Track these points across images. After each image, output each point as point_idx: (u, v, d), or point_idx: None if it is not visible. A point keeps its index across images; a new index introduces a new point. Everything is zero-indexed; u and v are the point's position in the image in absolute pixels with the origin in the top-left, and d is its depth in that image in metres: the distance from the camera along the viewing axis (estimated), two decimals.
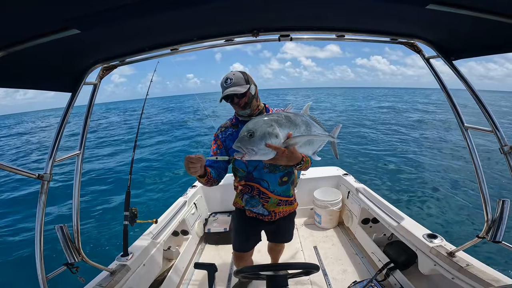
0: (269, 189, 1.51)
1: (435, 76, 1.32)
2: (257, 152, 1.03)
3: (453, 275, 1.53)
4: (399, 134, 13.32)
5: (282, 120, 1.12)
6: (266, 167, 1.47)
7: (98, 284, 1.53)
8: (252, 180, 1.51)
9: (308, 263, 1.15)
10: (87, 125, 1.37)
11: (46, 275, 1.13)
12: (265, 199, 1.54)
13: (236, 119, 1.51)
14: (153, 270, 2.06)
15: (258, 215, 1.59)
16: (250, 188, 1.54)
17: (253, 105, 1.37)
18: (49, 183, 1.16)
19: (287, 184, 1.55)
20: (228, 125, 1.51)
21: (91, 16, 0.68)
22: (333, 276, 2.28)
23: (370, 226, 2.74)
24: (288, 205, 1.63)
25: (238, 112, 1.42)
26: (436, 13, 0.76)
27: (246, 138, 1.04)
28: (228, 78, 1.28)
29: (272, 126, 1.07)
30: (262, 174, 1.48)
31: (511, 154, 1.12)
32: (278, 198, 1.54)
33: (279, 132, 1.07)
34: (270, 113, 1.29)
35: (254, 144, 1.03)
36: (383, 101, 42.26)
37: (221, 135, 1.49)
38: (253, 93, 1.35)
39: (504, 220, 1.21)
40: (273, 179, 1.50)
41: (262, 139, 1.03)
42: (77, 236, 1.33)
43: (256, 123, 1.07)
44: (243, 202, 1.59)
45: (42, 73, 1.04)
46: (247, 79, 1.31)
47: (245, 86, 1.28)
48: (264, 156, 1.06)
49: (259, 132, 1.04)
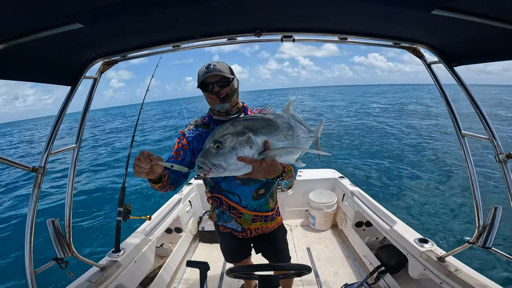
0: (240, 204, 1.29)
1: (435, 82, 1.33)
2: (227, 168, 0.86)
3: (442, 280, 1.55)
4: (399, 134, 13.46)
5: (258, 124, 0.95)
6: (238, 178, 1.24)
7: (87, 279, 1.51)
8: (220, 193, 1.30)
9: (301, 264, 1.16)
10: (84, 119, 1.35)
11: (34, 269, 1.10)
12: (237, 215, 1.32)
13: (209, 117, 1.27)
14: (144, 267, 2.04)
15: (233, 230, 1.39)
16: (218, 202, 1.33)
17: (233, 100, 1.17)
18: (43, 176, 1.14)
19: (264, 197, 1.33)
20: (199, 123, 1.28)
21: (94, 10, 0.67)
22: (324, 278, 2.29)
23: (364, 229, 2.77)
24: (267, 222, 1.38)
25: (214, 106, 1.17)
26: (441, 18, 0.76)
27: (213, 151, 0.87)
28: (210, 64, 1.09)
29: (245, 134, 0.90)
30: (232, 186, 1.26)
31: (506, 162, 1.14)
32: (252, 214, 1.32)
33: (254, 141, 0.90)
34: (242, 117, 1.10)
35: (222, 158, 0.85)
36: (384, 99, 42.60)
37: (188, 134, 1.26)
38: (236, 87, 1.17)
39: (495, 227, 1.23)
40: (246, 192, 1.28)
41: (233, 151, 0.86)
42: (68, 231, 1.31)
43: (224, 131, 0.90)
44: (215, 217, 1.39)
45: (43, 66, 1.03)
46: (231, 70, 1.15)
47: (229, 75, 1.11)
48: (236, 171, 0.89)
49: (228, 142, 0.87)
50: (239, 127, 0.92)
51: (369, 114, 23.11)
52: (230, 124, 0.94)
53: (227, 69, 1.12)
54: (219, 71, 1.07)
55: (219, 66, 1.09)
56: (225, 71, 1.10)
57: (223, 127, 0.94)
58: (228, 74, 1.10)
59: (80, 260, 1.40)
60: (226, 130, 0.91)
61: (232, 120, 1.00)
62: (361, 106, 31.79)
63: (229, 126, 0.93)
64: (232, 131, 0.90)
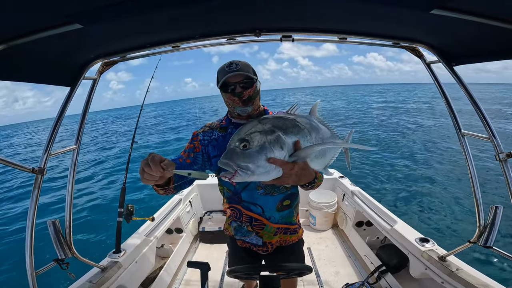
0: (263, 215, 1.18)
1: (435, 81, 1.33)
2: (255, 170, 0.75)
3: (443, 279, 1.55)
4: (400, 133, 13.45)
5: (288, 123, 0.86)
6: (261, 187, 1.12)
7: (88, 280, 1.51)
8: (240, 203, 1.17)
9: (301, 264, 1.15)
10: (84, 120, 1.35)
11: (35, 270, 1.10)
12: (259, 226, 1.20)
13: (227, 120, 1.17)
14: (145, 268, 2.04)
15: (252, 245, 1.27)
16: (237, 213, 1.21)
17: (255, 103, 1.07)
18: (43, 177, 1.14)
19: (289, 209, 1.21)
20: (215, 126, 1.17)
21: (93, 10, 0.67)
22: (325, 278, 2.29)
23: (364, 229, 2.76)
24: (289, 234, 1.26)
25: (235, 109, 1.07)
26: (440, 18, 0.76)
27: (238, 151, 0.77)
28: (233, 63, 1.00)
29: (275, 133, 0.80)
30: (254, 196, 1.14)
31: (506, 161, 1.14)
32: (275, 227, 1.21)
33: (285, 141, 0.81)
34: (269, 115, 0.99)
35: (250, 160, 0.75)
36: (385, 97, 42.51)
37: (202, 136, 1.15)
38: (258, 89, 1.08)
39: (496, 226, 1.23)
40: (270, 204, 1.16)
41: (262, 151, 0.76)
42: (69, 232, 1.31)
43: (251, 128, 0.81)
44: (233, 231, 1.27)
45: (42, 66, 1.03)
46: (254, 71, 1.06)
47: (253, 76, 1.03)
48: (264, 176, 0.78)
49: (257, 141, 0.77)
50: (267, 125, 0.82)
51: (368, 113, 23.09)
52: (258, 122, 0.84)
53: (250, 69, 1.03)
54: (243, 70, 0.99)
55: (242, 65, 1.00)
56: (249, 71, 1.01)
57: (249, 125, 0.84)
58: (252, 75, 1.02)
59: (81, 261, 1.40)
60: (254, 128, 0.81)
61: (258, 118, 0.90)
62: (362, 104, 31.80)
63: (256, 123, 0.83)
64: (260, 129, 0.80)
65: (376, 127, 15.52)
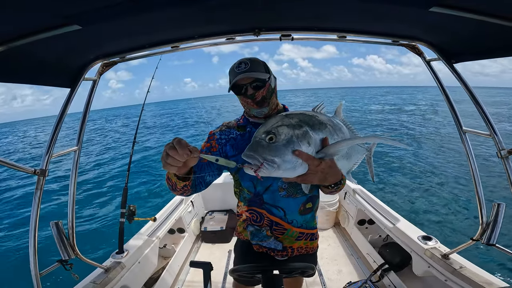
0: (285, 219, 1.11)
1: (435, 79, 1.33)
2: (281, 164, 0.72)
3: (447, 277, 1.54)
4: (401, 132, 13.40)
5: (315, 120, 0.83)
6: (284, 189, 1.05)
7: (92, 281, 1.52)
8: (261, 206, 1.10)
9: (304, 263, 1.15)
10: (85, 121, 1.35)
11: (39, 271, 1.11)
12: (279, 231, 1.13)
13: (245, 119, 1.11)
14: (148, 268, 2.05)
15: (270, 250, 1.18)
16: (258, 216, 1.12)
17: (272, 103, 1.01)
18: (45, 179, 1.15)
19: (312, 212, 1.15)
20: (233, 125, 1.12)
21: (92, 11, 0.67)
22: (328, 277, 2.29)
23: (366, 227, 2.76)
24: (310, 241, 1.20)
25: (250, 110, 1.02)
26: (439, 15, 0.76)
27: (264, 143, 0.74)
28: (242, 63, 0.94)
29: (303, 128, 0.78)
30: (276, 198, 1.07)
31: (508, 158, 1.13)
32: (298, 231, 1.14)
33: (312, 137, 0.78)
34: (295, 111, 0.94)
35: (276, 153, 0.72)
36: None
37: (219, 135, 1.10)
38: (273, 86, 1.00)
39: (499, 224, 1.23)
40: (293, 206, 1.09)
41: (288, 145, 0.73)
42: (72, 233, 1.32)
43: (278, 122, 0.79)
44: (249, 235, 1.17)
45: (42, 68, 1.03)
46: (267, 67, 0.99)
47: (264, 74, 0.95)
48: (290, 171, 0.75)
49: (284, 134, 0.75)
50: (294, 119, 0.79)
51: (368, 112, 23.02)
52: (285, 116, 0.82)
53: (261, 67, 0.97)
54: (252, 70, 0.93)
55: (252, 64, 0.94)
56: (259, 70, 0.95)
57: (276, 118, 0.82)
58: (263, 73, 0.95)
59: (84, 261, 1.41)
60: (281, 121, 0.78)
61: (285, 112, 0.87)
62: (362, 105, 31.71)
63: (283, 117, 0.81)
64: (287, 123, 0.78)
65: (377, 126, 15.46)
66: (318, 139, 0.79)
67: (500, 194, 5.64)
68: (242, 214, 1.18)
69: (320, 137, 0.80)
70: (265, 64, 0.99)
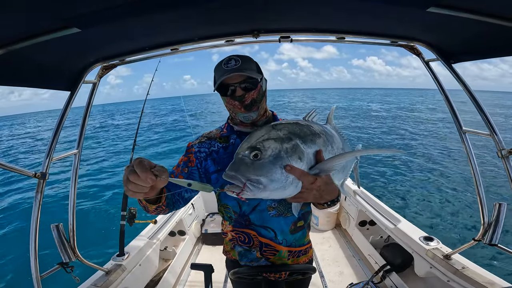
0: (276, 240, 0.99)
1: (434, 79, 1.33)
2: (267, 185, 0.63)
3: (449, 278, 1.54)
4: (399, 135, 13.39)
5: (306, 131, 0.74)
6: (273, 208, 0.94)
7: (93, 284, 1.52)
8: (248, 227, 0.98)
9: (305, 265, 1.15)
10: (85, 124, 1.36)
11: (40, 274, 1.12)
12: (270, 252, 1.02)
13: (228, 128, 0.99)
14: (149, 271, 2.04)
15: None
16: (245, 237, 1.00)
17: (261, 107, 0.90)
18: (45, 182, 1.15)
19: (303, 229, 1.05)
20: (214, 136, 0.99)
21: (91, 14, 0.67)
22: (329, 278, 2.28)
23: (367, 228, 2.75)
24: (301, 256, 1.09)
25: (236, 115, 0.90)
26: (437, 16, 0.76)
27: (248, 161, 0.66)
28: (232, 59, 0.83)
29: (292, 141, 0.69)
30: (265, 218, 0.96)
31: (508, 158, 1.13)
32: (287, 250, 1.03)
33: (304, 151, 0.69)
34: (283, 120, 0.87)
35: (261, 172, 0.63)
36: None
37: (197, 148, 0.96)
38: (264, 89, 0.90)
39: (501, 223, 1.22)
40: (283, 226, 0.98)
41: (276, 162, 0.64)
42: (72, 235, 1.32)
43: (264, 135, 0.70)
44: (237, 256, 1.05)
45: (41, 71, 1.04)
46: (258, 68, 0.89)
47: (257, 74, 0.85)
48: (279, 191, 0.65)
49: (271, 149, 0.66)
50: (283, 131, 0.71)
51: (369, 113, 23.02)
52: (272, 127, 0.73)
53: (253, 65, 0.86)
54: (244, 68, 0.82)
55: (243, 61, 0.83)
56: (251, 68, 0.84)
57: (261, 130, 0.73)
58: (255, 73, 0.84)
59: (85, 264, 1.41)
60: (267, 134, 0.70)
61: (272, 123, 0.79)
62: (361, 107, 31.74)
63: (270, 129, 0.72)
64: (274, 136, 0.69)
65: (378, 129, 15.45)
66: (311, 153, 0.71)
67: (500, 194, 5.62)
68: (227, 233, 1.06)
69: (313, 150, 0.72)
70: (257, 64, 0.90)
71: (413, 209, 5.49)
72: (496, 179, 6.51)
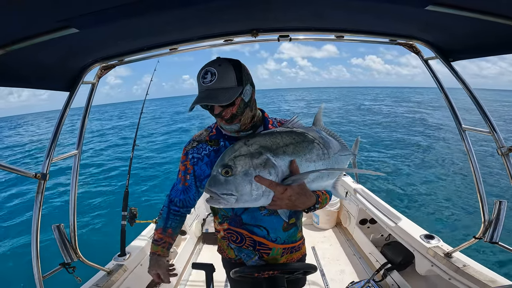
0: (268, 238, 1.03)
1: (433, 77, 1.32)
2: (239, 198, 0.72)
3: (450, 276, 1.54)
4: (399, 133, 13.37)
5: (280, 141, 0.78)
6: (264, 208, 0.98)
7: (95, 284, 1.52)
8: (241, 226, 1.02)
9: (306, 263, 1.15)
10: (84, 125, 1.36)
11: (42, 274, 1.12)
12: (264, 251, 1.05)
13: (217, 131, 1.01)
14: None
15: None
16: (238, 237, 1.04)
17: (244, 117, 0.89)
18: (45, 183, 1.15)
19: (295, 226, 1.09)
20: (204, 139, 1.01)
21: (90, 15, 0.67)
22: (330, 277, 2.28)
23: (368, 226, 2.75)
24: (294, 252, 1.13)
25: (221, 126, 0.94)
26: (435, 14, 0.76)
27: (221, 178, 0.73)
28: (208, 72, 0.81)
29: (262, 156, 0.74)
30: (257, 218, 1.00)
31: (508, 155, 1.13)
32: (281, 247, 1.06)
33: (274, 164, 0.74)
34: (261, 132, 0.90)
35: (232, 187, 0.72)
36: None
37: (191, 154, 1.00)
38: (247, 100, 0.87)
39: (501, 221, 1.22)
40: (276, 224, 1.01)
41: (246, 177, 0.72)
42: (73, 236, 1.33)
43: (235, 152, 0.75)
44: (234, 252, 1.10)
45: (40, 72, 1.04)
46: (240, 77, 0.84)
47: (233, 90, 0.81)
48: (252, 202, 0.74)
49: (240, 166, 0.72)
50: (254, 146, 0.76)
51: (370, 111, 22.99)
52: (243, 143, 0.78)
53: (231, 79, 0.82)
54: (219, 85, 0.80)
55: (220, 74, 0.80)
56: (227, 84, 0.81)
57: (234, 147, 0.78)
58: (233, 89, 0.81)
59: (87, 264, 1.41)
60: (238, 151, 0.75)
61: (247, 136, 0.82)
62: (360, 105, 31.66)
63: (242, 145, 0.77)
64: (245, 152, 0.74)
65: (383, 126, 15.43)
66: (283, 164, 0.75)
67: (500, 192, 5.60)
68: (220, 231, 1.10)
69: (286, 161, 0.76)
70: (240, 69, 0.85)
71: (414, 207, 5.49)
72: (497, 176, 6.49)
